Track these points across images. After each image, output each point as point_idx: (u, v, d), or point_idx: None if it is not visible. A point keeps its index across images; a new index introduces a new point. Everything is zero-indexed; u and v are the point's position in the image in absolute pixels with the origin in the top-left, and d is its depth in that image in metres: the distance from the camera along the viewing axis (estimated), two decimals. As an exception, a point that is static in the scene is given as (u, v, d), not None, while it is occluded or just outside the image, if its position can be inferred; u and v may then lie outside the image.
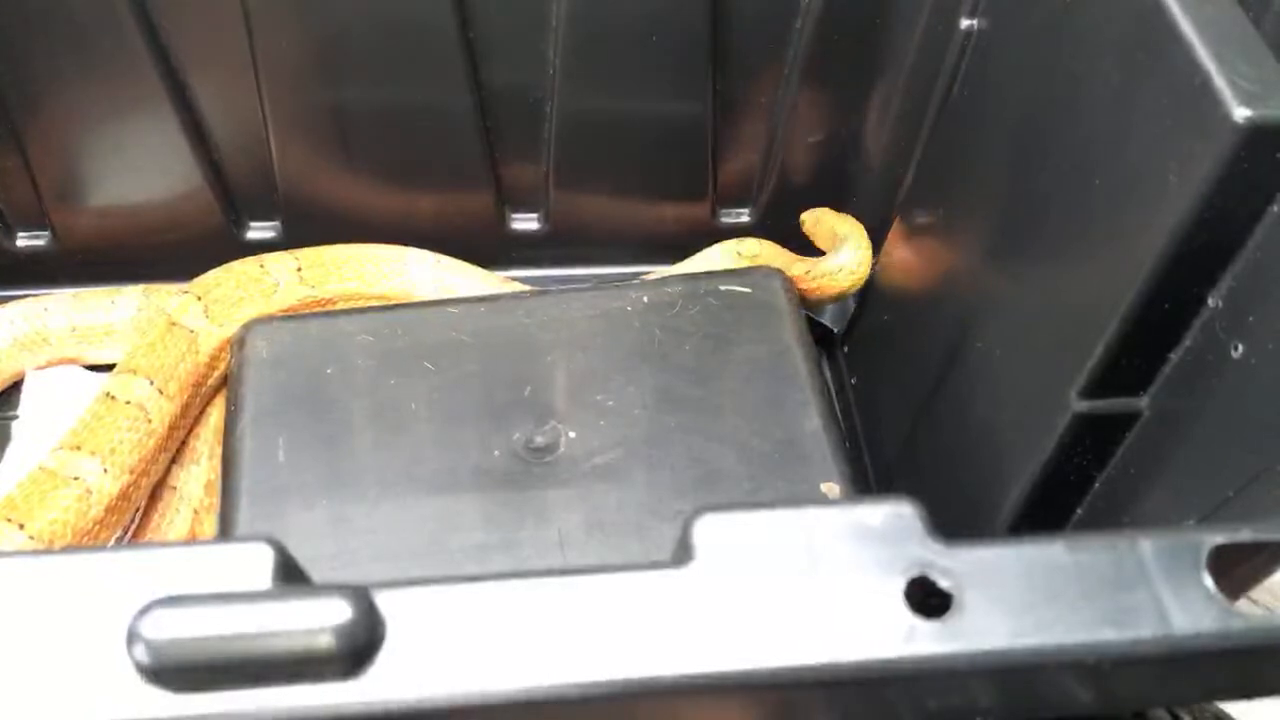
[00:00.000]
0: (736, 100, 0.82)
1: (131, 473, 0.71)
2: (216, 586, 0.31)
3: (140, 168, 0.84)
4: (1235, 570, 0.34)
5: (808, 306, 0.82)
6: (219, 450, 0.74)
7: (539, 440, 0.68)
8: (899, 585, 0.32)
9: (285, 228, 0.88)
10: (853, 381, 0.84)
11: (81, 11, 0.75)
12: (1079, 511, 0.58)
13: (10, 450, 0.81)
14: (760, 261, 0.84)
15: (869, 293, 0.84)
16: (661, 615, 0.31)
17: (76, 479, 0.69)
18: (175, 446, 0.77)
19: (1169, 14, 0.49)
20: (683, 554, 0.33)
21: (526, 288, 0.86)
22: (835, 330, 0.88)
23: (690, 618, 0.31)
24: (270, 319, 0.77)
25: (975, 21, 0.70)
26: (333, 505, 0.65)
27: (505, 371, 0.71)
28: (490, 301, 0.78)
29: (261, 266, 0.82)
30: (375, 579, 0.31)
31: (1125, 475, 0.55)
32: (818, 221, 0.86)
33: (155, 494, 0.76)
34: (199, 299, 0.79)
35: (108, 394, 0.74)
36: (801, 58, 0.80)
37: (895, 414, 0.76)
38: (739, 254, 0.86)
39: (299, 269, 0.83)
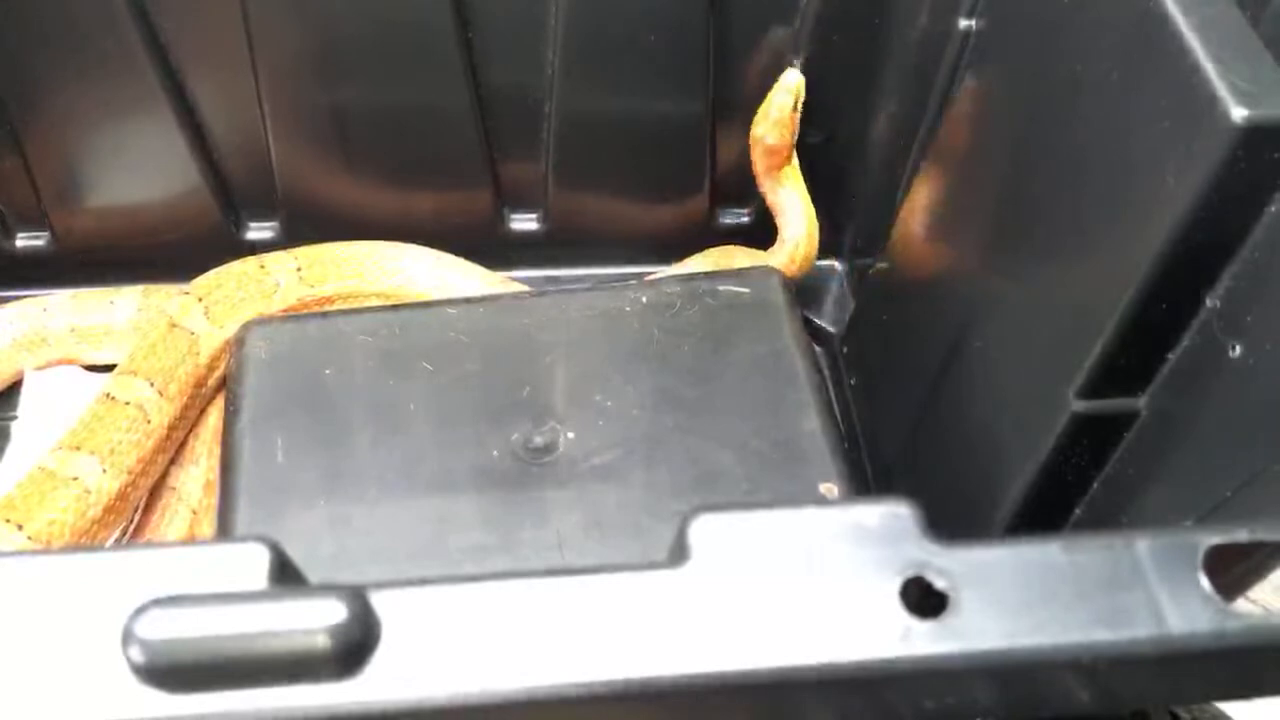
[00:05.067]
0: (735, 100, 0.82)
1: (130, 473, 0.71)
2: (212, 587, 0.31)
3: (140, 168, 0.84)
4: (1232, 570, 0.34)
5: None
6: (218, 451, 0.74)
7: (538, 441, 0.67)
8: (895, 585, 0.32)
9: (284, 228, 0.88)
10: (852, 381, 0.84)
11: (81, 12, 0.75)
12: (1077, 511, 0.58)
13: (9, 451, 0.81)
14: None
15: (869, 293, 0.84)
16: (657, 615, 0.31)
17: (75, 479, 0.69)
18: (174, 447, 0.77)
19: (1167, 14, 0.49)
20: (679, 554, 0.33)
21: (526, 288, 0.86)
22: (835, 330, 0.88)
23: (686, 618, 0.31)
24: (269, 319, 0.77)
25: (974, 22, 0.70)
26: (331, 505, 0.65)
27: (504, 372, 0.71)
28: (489, 302, 0.78)
29: (262, 266, 0.82)
30: (373, 579, 0.32)
31: (1123, 475, 0.55)
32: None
33: (154, 494, 0.76)
34: (199, 300, 0.79)
35: (108, 394, 0.74)
36: (801, 58, 0.80)
37: (894, 414, 0.76)
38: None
39: (298, 268, 0.83)
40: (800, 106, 0.81)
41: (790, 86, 0.81)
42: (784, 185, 0.84)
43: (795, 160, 0.84)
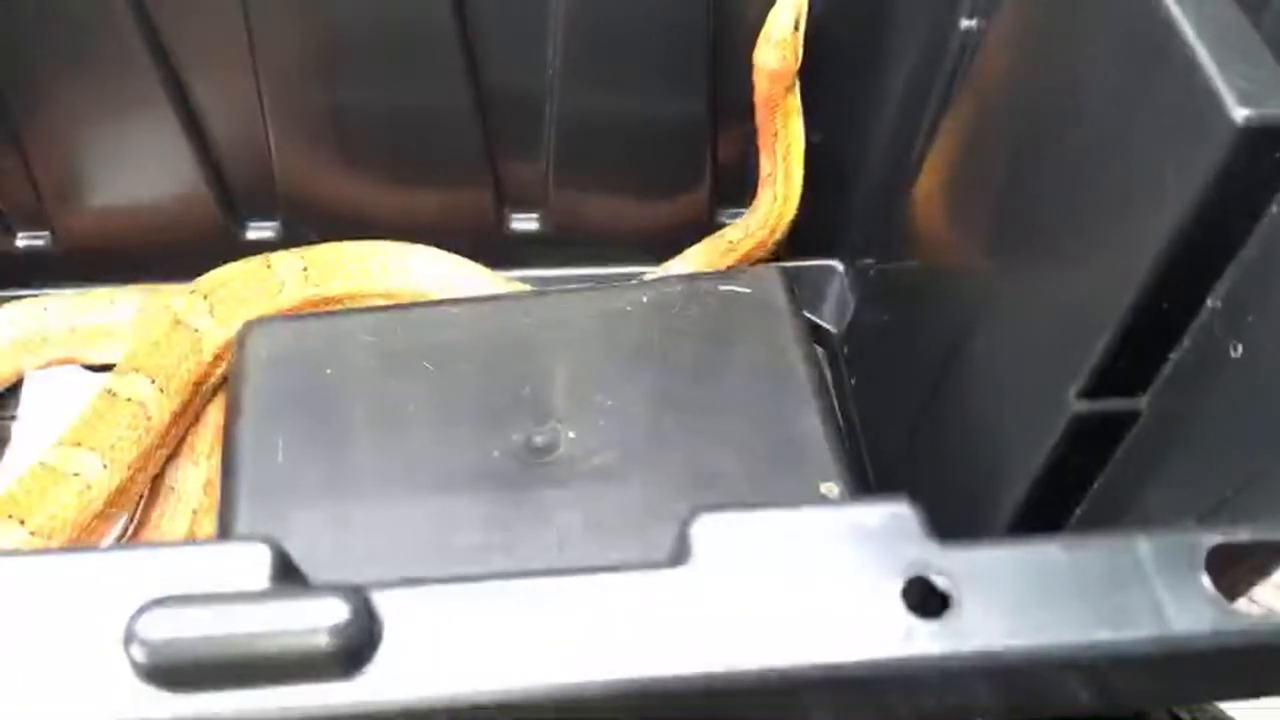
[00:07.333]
0: (736, 100, 0.82)
1: (130, 469, 0.71)
2: (214, 586, 0.31)
3: (140, 168, 0.84)
4: (1234, 570, 0.34)
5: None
6: (219, 450, 0.74)
7: (538, 440, 0.67)
8: (896, 586, 0.32)
9: (285, 228, 0.88)
10: (852, 381, 0.84)
11: (81, 11, 0.75)
12: (1078, 511, 0.58)
13: (10, 451, 0.81)
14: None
15: (869, 293, 0.84)
16: (658, 615, 0.31)
17: (76, 475, 0.69)
18: (174, 444, 0.77)
19: (1168, 14, 0.49)
20: (680, 554, 0.33)
21: (527, 287, 0.86)
22: (835, 330, 0.88)
23: (687, 618, 0.31)
24: (271, 318, 0.78)
25: (975, 21, 0.70)
26: (332, 505, 0.65)
27: (505, 372, 0.71)
28: (490, 302, 0.78)
29: (268, 266, 0.82)
30: (374, 579, 0.32)
31: (1124, 475, 0.55)
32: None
33: (154, 494, 0.76)
34: (205, 298, 0.79)
35: (109, 391, 0.74)
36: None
37: (895, 414, 0.76)
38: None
39: (305, 268, 0.83)
40: (802, 26, 0.77)
41: (791, 3, 0.77)
42: (781, 123, 0.81)
43: (798, 94, 0.81)
